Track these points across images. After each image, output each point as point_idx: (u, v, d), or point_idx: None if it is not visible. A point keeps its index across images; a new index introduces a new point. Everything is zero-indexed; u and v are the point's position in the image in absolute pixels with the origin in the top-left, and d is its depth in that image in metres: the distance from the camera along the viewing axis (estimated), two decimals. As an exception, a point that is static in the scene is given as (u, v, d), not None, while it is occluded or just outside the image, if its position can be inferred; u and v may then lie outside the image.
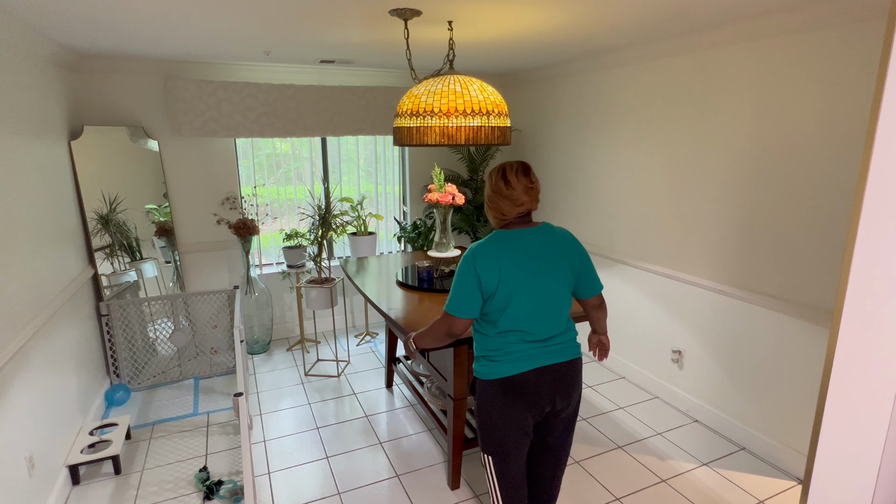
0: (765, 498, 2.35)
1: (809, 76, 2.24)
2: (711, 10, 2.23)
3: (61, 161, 2.88)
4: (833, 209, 2.22)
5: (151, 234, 3.57)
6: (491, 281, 1.61)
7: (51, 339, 2.45)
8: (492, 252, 1.63)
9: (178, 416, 3.09)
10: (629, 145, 3.28)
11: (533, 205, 1.67)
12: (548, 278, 1.65)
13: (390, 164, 4.49)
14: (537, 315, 1.65)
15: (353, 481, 2.49)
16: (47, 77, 2.72)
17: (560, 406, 1.71)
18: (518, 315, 1.63)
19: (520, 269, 1.62)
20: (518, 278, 1.62)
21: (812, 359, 2.37)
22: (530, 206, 1.67)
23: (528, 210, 1.68)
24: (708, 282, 2.82)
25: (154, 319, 3.53)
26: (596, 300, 1.82)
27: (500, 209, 1.67)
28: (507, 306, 1.63)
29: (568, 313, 1.73)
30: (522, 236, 1.66)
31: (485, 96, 2.07)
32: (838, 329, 1.43)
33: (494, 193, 1.67)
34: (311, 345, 4.13)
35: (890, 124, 1.26)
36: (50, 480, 2.27)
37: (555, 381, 1.68)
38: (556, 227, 1.74)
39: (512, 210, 1.66)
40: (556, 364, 1.68)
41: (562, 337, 1.71)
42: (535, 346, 1.66)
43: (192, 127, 3.49)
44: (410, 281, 2.84)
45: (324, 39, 2.77)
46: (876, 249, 1.33)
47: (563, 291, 1.69)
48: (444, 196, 2.88)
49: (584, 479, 2.49)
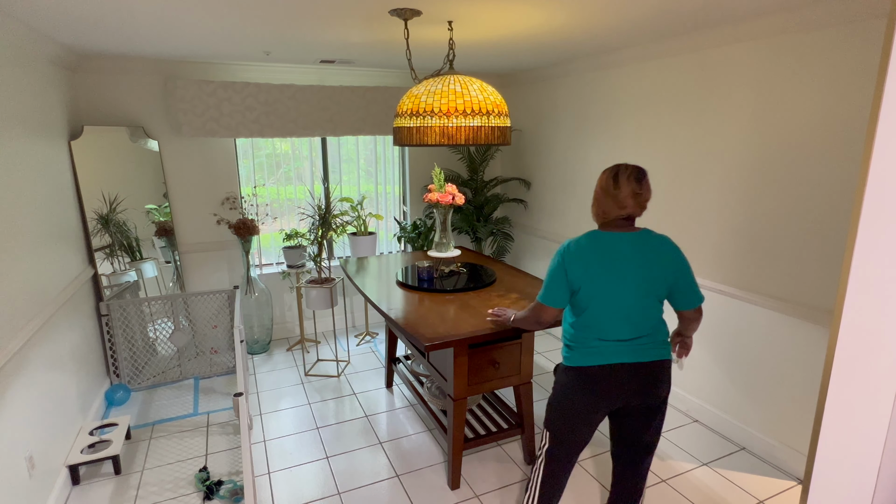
0: (765, 498, 2.35)
1: (809, 76, 2.24)
2: (711, 10, 2.23)
3: (61, 161, 2.88)
4: (833, 209, 2.22)
5: (151, 234, 3.57)
6: (576, 279, 1.68)
7: (51, 339, 2.45)
8: (581, 252, 1.68)
9: (178, 416, 3.09)
10: (629, 145, 3.28)
11: (637, 211, 1.69)
12: (633, 286, 1.66)
13: (390, 164, 4.49)
14: (617, 319, 1.69)
15: (353, 481, 2.49)
16: (47, 77, 2.72)
17: (635, 403, 1.75)
18: (597, 315, 1.69)
19: (605, 273, 1.66)
20: (602, 282, 1.66)
21: (812, 359, 2.37)
22: (633, 211, 1.68)
23: (631, 215, 1.70)
24: (708, 281, 2.82)
25: (154, 319, 3.53)
26: (692, 314, 1.79)
27: (602, 207, 1.72)
28: (588, 306, 1.70)
29: (654, 319, 1.73)
30: (617, 241, 1.69)
31: (485, 96, 2.07)
32: (838, 329, 1.43)
33: (602, 191, 1.71)
34: (311, 345, 4.13)
35: (890, 124, 1.26)
36: (50, 480, 2.27)
37: (630, 378, 1.71)
38: (656, 234, 1.74)
39: (614, 211, 1.69)
40: (635, 363, 1.71)
41: (645, 339, 1.72)
42: (613, 344, 1.71)
43: (192, 127, 3.49)
44: (410, 281, 2.84)
45: (324, 39, 2.77)
46: (876, 249, 1.33)
47: (649, 300, 1.69)
48: (444, 196, 2.88)
49: (585, 479, 2.49)
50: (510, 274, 2.99)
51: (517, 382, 2.49)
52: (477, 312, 2.36)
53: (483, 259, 3.33)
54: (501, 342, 2.38)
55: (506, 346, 2.40)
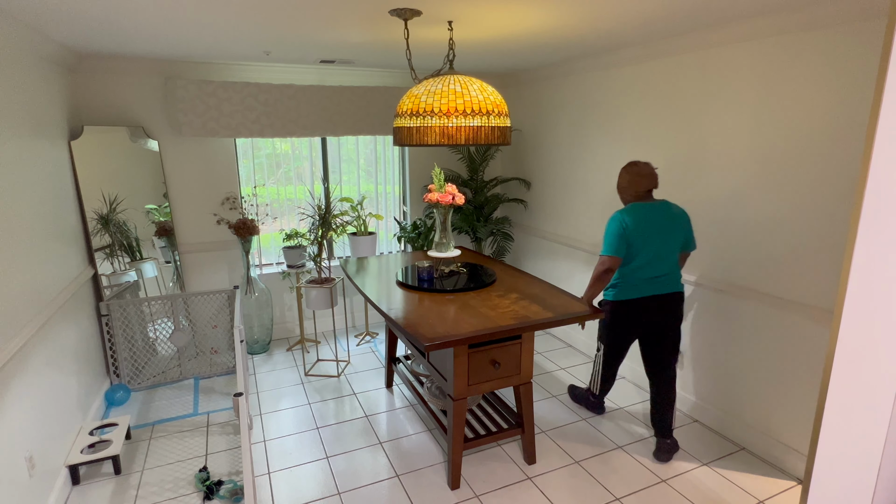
0: (765, 498, 2.35)
1: (809, 76, 2.24)
2: (711, 10, 2.23)
3: (61, 161, 2.88)
4: (833, 209, 2.22)
5: (151, 234, 3.57)
6: (630, 233, 2.43)
7: (51, 339, 2.45)
8: (633, 215, 2.46)
9: (178, 416, 3.09)
10: (629, 145, 3.28)
11: (656, 183, 2.51)
12: (664, 237, 2.48)
13: (390, 164, 4.49)
14: (655, 260, 2.48)
15: (353, 481, 2.49)
16: (47, 77, 2.72)
17: (657, 320, 2.57)
18: (643, 258, 2.47)
19: (648, 232, 2.45)
20: (646, 234, 2.45)
21: (812, 359, 2.37)
22: (654, 183, 2.51)
23: (652, 187, 2.51)
24: (708, 281, 2.82)
25: (154, 319, 3.53)
26: (685, 255, 2.66)
27: (634, 188, 2.51)
28: (639, 253, 2.46)
29: (674, 263, 2.53)
30: (650, 209, 2.49)
31: (485, 96, 2.07)
32: (838, 329, 1.43)
33: (630, 176, 2.51)
34: (311, 345, 4.13)
35: (890, 124, 1.26)
36: (50, 480, 2.27)
37: (659, 306, 2.55)
38: (673, 205, 2.54)
39: (643, 185, 2.49)
40: (661, 294, 2.53)
41: (667, 277, 2.53)
42: (648, 280, 2.51)
43: (192, 127, 3.49)
44: (410, 281, 2.84)
45: (324, 39, 2.77)
46: (876, 249, 1.33)
47: (673, 247, 2.51)
48: (444, 196, 2.88)
49: (585, 478, 2.49)
50: (510, 274, 2.99)
51: (517, 382, 2.49)
52: (477, 312, 2.36)
53: (483, 259, 3.33)
54: (501, 342, 2.38)
55: (506, 346, 2.40)
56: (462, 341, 2.10)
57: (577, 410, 3.10)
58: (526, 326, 2.24)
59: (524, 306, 2.43)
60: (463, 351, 2.28)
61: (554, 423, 2.97)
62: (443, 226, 3.00)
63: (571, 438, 2.82)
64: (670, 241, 2.47)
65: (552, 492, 2.41)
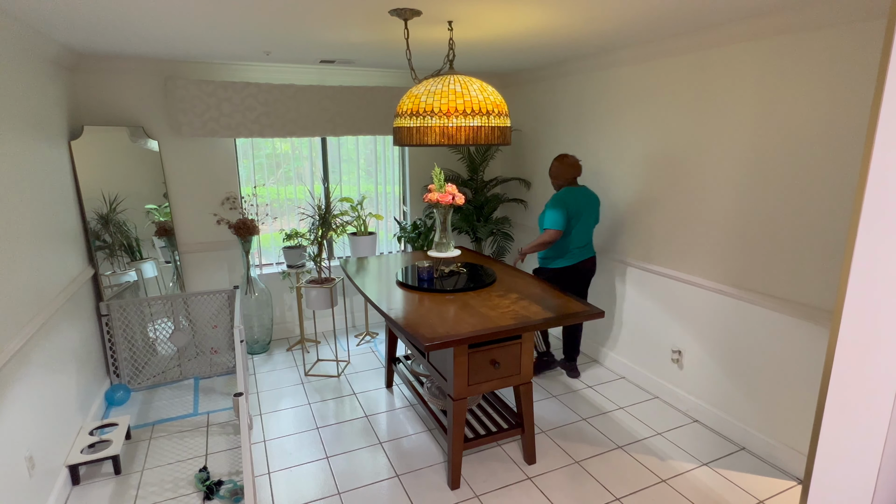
0: (765, 498, 2.35)
1: (810, 76, 2.24)
2: (712, 10, 2.23)
3: (61, 161, 2.88)
4: (833, 209, 2.22)
5: (151, 234, 3.57)
6: (571, 211, 3.14)
7: (51, 339, 2.45)
8: (571, 195, 3.18)
9: (178, 416, 3.09)
10: (629, 145, 3.28)
11: (580, 171, 3.26)
12: (588, 214, 3.21)
13: (390, 164, 4.49)
14: (583, 233, 3.22)
15: (353, 481, 2.49)
16: (47, 77, 2.72)
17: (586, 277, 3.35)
18: (577, 231, 3.19)
19: (579, 208, 3.16)
20: (579, 212, 3.16)
21: (812, 359, 2.37)
22: (579, 172, 3.26)
23: (578, 174, 3.25)
24: (708, 281, 2.82)
25: (154, 319, 3.53)
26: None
27: (566, 176, 3.24)
28: (574, 227, 3.18)
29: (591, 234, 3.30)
30: (580, 192, 3.21)
31: (485, 96, 2.07)
32: (838, 329, 1.43)
33: (562, 167, 3.23)
34: (311, 345, 4.13)
35: (890, 124, 1.26)
36: (50, 480, 2.27)
37: (588, 268, 3.32)
38: (589, 189, 3.32)
39: (572, 173, 3.23)
40: (588, 258, 3.30)
41: (590, 245, 3.31)
42: (580, 249, 3.25)
43: (192, 127, 3.49)
44: (410, 281, 2.84)
45: (324, 39, 2.77)
46: (876, 249, 1.33)
47: (593, 223, 3.27)
48: (444, 196, 2.88)
49: (585, 478, 2.49)
50: (510, 274, 2.99)
51: (517, 382, 2.49)
52: (477, 312, 2.36)
53: (483, 259, 3.33)
54: (501, 342, 2.38)
55: (506, 346, 2.40)
56: (462, 341, 2.10)
57: (575, 409, 3.10)
58: (526, 326, 2.24)
59: (524, 306, 2.43)
60: (463, 351, 2.28)
61: (554, 423, 2.97)
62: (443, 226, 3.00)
63: (571, 438, 2.82)
64: (591, 218, 3.23)
65: (552, 492, 2.41)
